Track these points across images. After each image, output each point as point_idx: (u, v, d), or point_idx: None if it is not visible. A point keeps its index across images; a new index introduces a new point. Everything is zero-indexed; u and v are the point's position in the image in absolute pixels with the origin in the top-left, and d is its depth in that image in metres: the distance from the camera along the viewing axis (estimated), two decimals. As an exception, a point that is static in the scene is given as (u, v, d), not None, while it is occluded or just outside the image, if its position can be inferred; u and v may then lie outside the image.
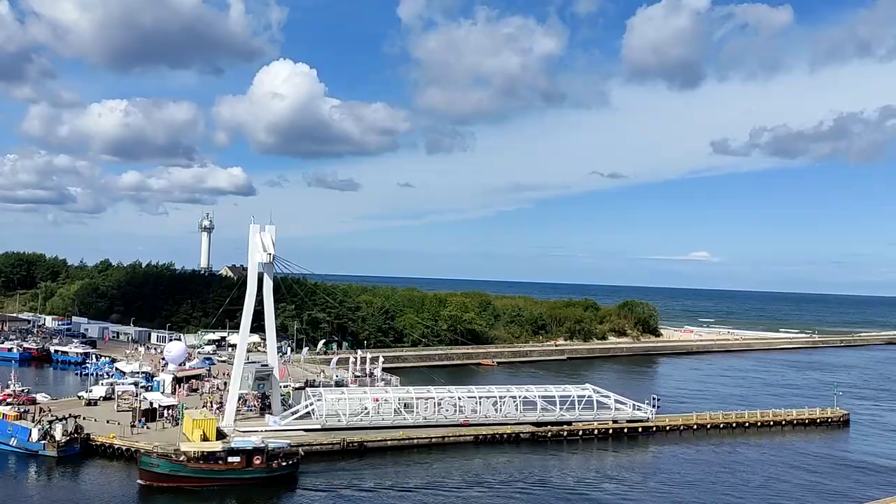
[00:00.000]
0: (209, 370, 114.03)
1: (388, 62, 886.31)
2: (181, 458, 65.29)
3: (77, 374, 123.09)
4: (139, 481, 63.97)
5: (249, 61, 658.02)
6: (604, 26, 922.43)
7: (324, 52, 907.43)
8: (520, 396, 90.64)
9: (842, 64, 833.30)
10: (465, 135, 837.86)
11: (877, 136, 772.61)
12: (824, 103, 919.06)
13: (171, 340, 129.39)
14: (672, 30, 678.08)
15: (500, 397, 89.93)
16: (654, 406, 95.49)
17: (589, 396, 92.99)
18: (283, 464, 67.67)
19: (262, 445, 67.07)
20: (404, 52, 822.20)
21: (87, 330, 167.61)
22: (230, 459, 65.57)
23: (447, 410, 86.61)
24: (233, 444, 67.08)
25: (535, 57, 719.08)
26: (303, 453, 70.81)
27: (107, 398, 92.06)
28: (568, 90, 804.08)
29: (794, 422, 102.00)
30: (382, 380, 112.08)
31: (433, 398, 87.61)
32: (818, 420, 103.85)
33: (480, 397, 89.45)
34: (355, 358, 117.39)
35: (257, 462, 65.93)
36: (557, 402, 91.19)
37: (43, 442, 71.96)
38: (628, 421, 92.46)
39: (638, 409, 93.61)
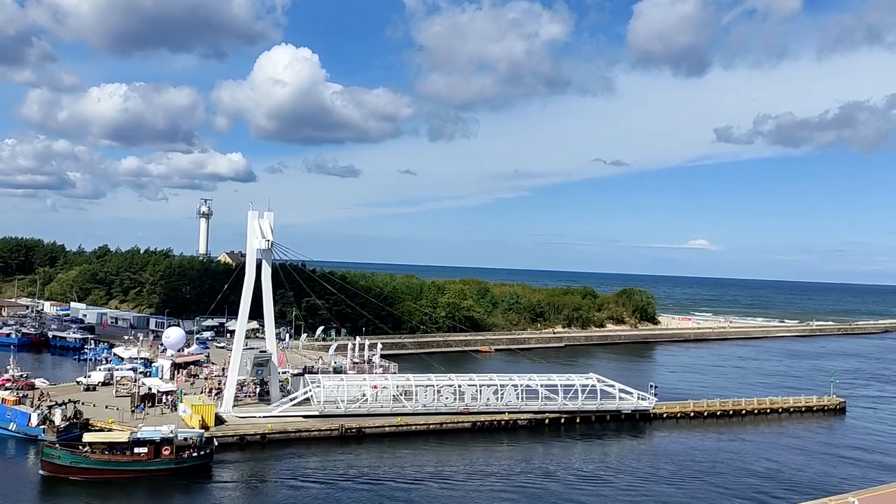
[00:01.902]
0: (208, 356, 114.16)
1: (391, 47, 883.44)
2: (84, 450, 62.50)
3: (75, 359, 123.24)
4: (41, 472, 62.04)
5: (252, 45, 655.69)
6: (611, 11, 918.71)
7: (327, 36, 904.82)
8: (521, 385, 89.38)
9: (850, 51, 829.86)
10: (468, 121, 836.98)
11: (882, 124, 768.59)
12: (831, 91, 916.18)
13: (169, 326, 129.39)
14: (679, 15, 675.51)
15: (502, 385, 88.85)
16: (653, 394, 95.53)
17: (593, 386, 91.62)
18: (194, 454, 64.69)
19: (171, 436, 63.83)
20: (408, 36, 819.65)
21: (85, 316, 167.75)
22: (136, 450, 62.70)
23: (447, 398, 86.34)
24: (139, 435, 64.02)
25: (541, 42, 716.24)
26: (216, 443, 68.67)
27: (105, 384, 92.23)
28: (572, 76, 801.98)
29: (791, 409, 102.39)
30: (381, 366, 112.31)
31: (433, 385, 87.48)
32: (815, 408, 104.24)
33: (481, 385, 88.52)
34: (353, 345, 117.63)
35: (166, 453, 63.07)
36: (560, 391, 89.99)
37: (42, 427, 72.12)
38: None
39: (643, 399, 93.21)
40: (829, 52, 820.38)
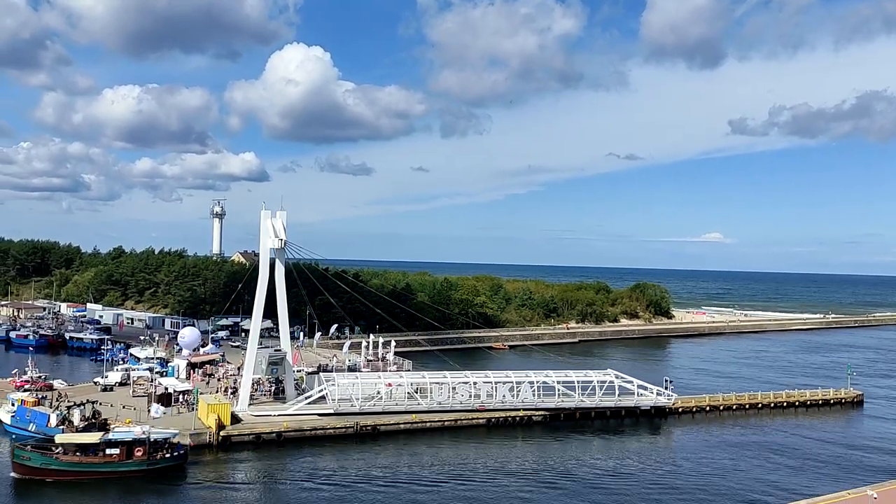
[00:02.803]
0: (223, 355, 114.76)
1: (403, 44, 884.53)
2: (56, 451, 61.91)
3: (92, 360, 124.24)
4: (12, 474, 61.39)
5: (265, 45, 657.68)
6: (624, 4, 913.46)
7: (338, 34, 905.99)
8: (538, 381, 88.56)
9: (867, 41, 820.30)
10: (481, 117, 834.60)
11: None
12: (847, 81, 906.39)
13: (184, 326, 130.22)
14: (693, 7, 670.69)
15: (518, 382, 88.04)
16: (667, 389, 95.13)
17: (610, 382, 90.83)
18: (167, 455, 64.22)
19: (144, 436, 63.27)
20: (419, 33, 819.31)
21: (101, 317, 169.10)
22: (108, 451, 62.04)
23: (462, 395, 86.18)
24: (111, 436, 63.36)
25: (553, 37, 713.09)
26: (191, 444, 68.52)
27: (122, 384, 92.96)
28: (585, 71, 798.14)
29: (808, 403, 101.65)
30: (395, 364, 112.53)
31: (448, 383, 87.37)
32: (832, 401, 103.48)
33: (497, 382, 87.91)
34: (367, 342, 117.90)
35: (138, 454, 62.54)
36: (577, 388, 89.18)
37: (61, 427, 72.67)
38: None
39: (661, 395, 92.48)
40: (846, 41, 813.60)
